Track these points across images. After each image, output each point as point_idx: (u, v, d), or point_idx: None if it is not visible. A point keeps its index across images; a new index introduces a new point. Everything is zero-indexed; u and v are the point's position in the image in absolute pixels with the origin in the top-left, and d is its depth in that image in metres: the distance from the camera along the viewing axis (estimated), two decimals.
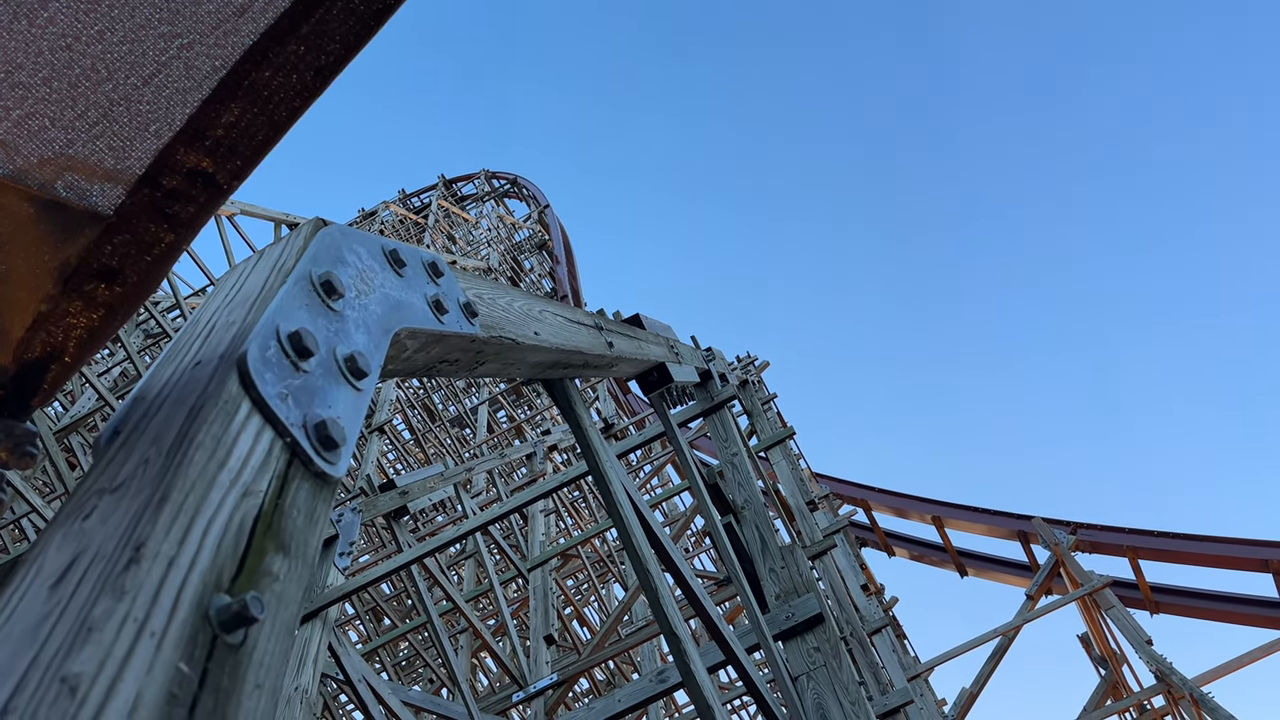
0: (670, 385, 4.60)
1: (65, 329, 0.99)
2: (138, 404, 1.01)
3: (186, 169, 0.99)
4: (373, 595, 14.32)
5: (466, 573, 12.50)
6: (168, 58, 0.99)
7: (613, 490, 3.30)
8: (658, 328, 5.20)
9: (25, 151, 0.98)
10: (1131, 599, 14.70)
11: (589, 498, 16.49)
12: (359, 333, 1.25)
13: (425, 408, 18.32)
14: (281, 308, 1.09)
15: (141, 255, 0.99)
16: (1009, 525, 16.57)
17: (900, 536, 19.30)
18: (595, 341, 3.20)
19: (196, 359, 1.04)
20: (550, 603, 9.68)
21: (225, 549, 0.77)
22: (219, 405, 0.90)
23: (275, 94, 0.99)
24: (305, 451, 0.97)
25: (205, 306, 1.23)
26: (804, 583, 4.89)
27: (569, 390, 3.29)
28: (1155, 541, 14.88)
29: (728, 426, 6.31)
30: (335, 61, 0.99)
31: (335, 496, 1.11)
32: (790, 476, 10.19)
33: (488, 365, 2.17)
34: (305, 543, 0.90)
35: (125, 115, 0.97)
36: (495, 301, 2.14)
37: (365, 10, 0.98)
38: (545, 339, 2.49)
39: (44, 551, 0.76)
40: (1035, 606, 13.73)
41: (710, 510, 4.86)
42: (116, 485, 0.82)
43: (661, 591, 3.26)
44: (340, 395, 1.10)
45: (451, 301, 1.74)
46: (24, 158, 0.98)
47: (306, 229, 1.29)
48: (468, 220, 29.99)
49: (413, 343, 1.57)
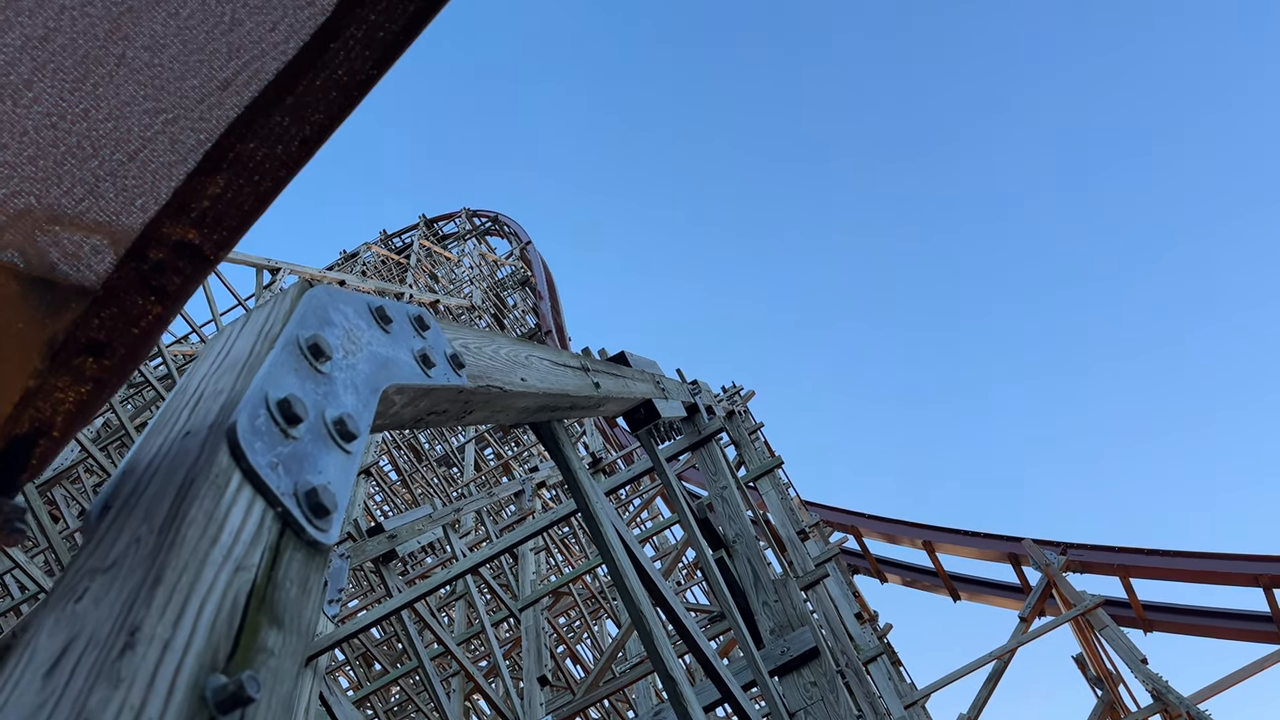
0: (658, 421, 4.60)
1: (53, 404, 0.99)
2: (127, 477, 1.01)
3: (173, 241, 1.00)
4: (363, 641, 14.14)
5: (457, 614, 12.38)
6: (153, 133, 1.00)
7: (603, 530, 3.29)
8: (643, 364, 5.21)
9: (10, 229, 0.98)
10: (1125, 618, 14.69)
11: (579, 534, 16.40)
12: (347, 394, 1.25)
13: (412, 447, 18.23)
14: (270, 374, 1.09)
15: (129, 328, 1.00)
16: (999, 548, 16.57)
17: (892, 562, 19.26)
18: (582, 383, 3.21)
19: (186, 429, 1.04)
20: (543, 642, 9.59)
21: (219, 628, 0.77)
22: (210, 479, 0.90)
23: (260, 165, 1.00)
24: (297, 521, 0.97)
25: (193, 372, 1.23)
26: (798, 616, 4.87)
27: (556, 432, 3.29)
28: (1146, 559, 14.92)
29: (716, 460, 6.31)
30: (320, 131, 1.01)
31: (327, 561, 1.10)
32: (780, 506, 10.18)
33: (476, 414, 2.17)
34: (299, 614, 0.90)
35: (111, 191, 0.98)
36: (482, 350, 2.14)
37: (349, 81, 0.99)
38: (532, 384, 2.49)
39: (36, 637, 0.75)
40: (1029, 628, 13.70)
41: (702, 545, 4.84)
42: (109, 565, 0.81)
43: (655, 631, 3.24)
44: (330, 460, 1.10)
45: (438, 354, 1.74)
46: (10, 235, 0.98)
47: (293, 291, 1.30)
48: (450, 259, 30.05)
49: (400, 398, 1.57)
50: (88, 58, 0.98)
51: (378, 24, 1.03)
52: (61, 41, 0.97)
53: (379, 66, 1.04)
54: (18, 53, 0.96)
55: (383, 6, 1.03)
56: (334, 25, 1.01)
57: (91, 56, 0.98)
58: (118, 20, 0.98)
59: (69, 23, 0.96)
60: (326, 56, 1.01)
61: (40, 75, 0.98)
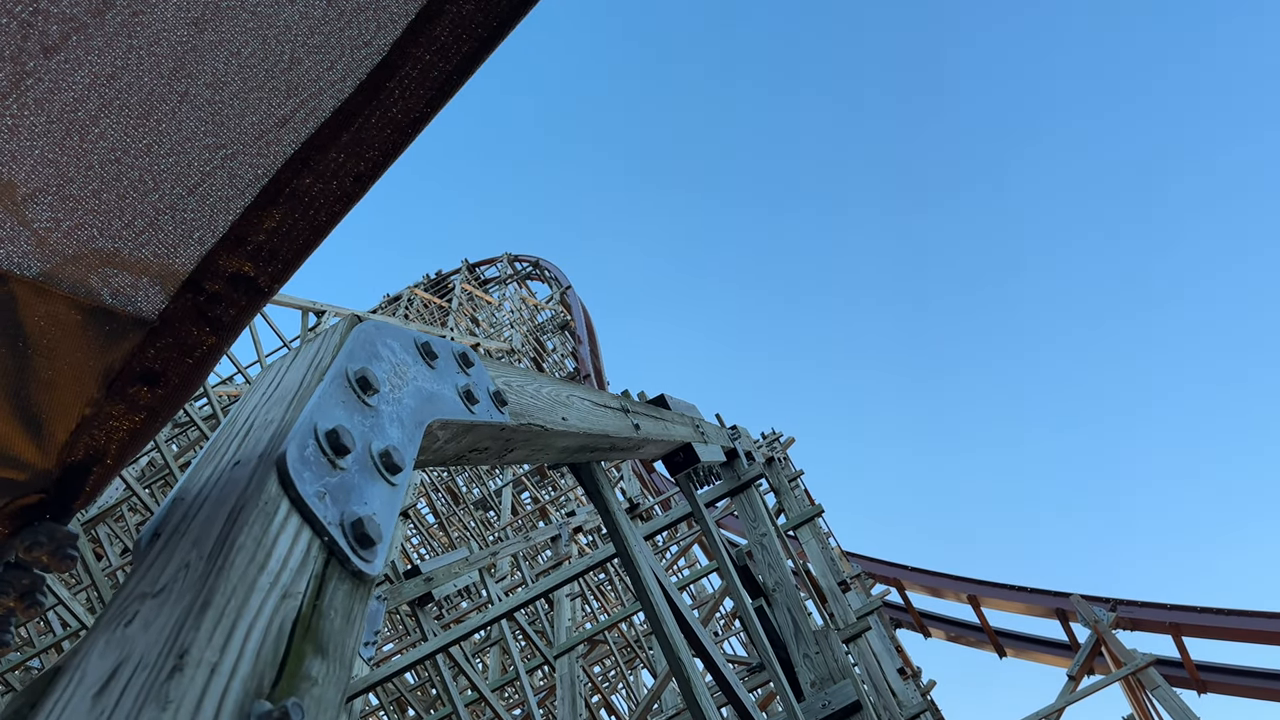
0: (696, 465, 4.57)
1: (108, 432, 1.00)
2: (177, 505, 1.02)
3: (229, 273, 1.02)
4: (397, 685, 14.08)
5: (492, 660, 12.29)
6: (212, 168, 1.02)
7: (642, 575, 3.26)
8: (682, 407, 5.19)
9: (74, 261, 1.01)
10: (1177, 678, 14.21)
11: (615, 580, 16.27)
12: (393, 427, 1.26)
13: (449, 490, 18.28)
14: (319, 405, 1.10)
15: (183, 358, 1.01)
16: (1047, 603, 16.15)
17: (935, 617, 18.84)
18: (622, 424, 3.20)
19: (235, 459, 1.05)
20: (578, 691, 9.48)
21: (265, 654, 0.77)
22: (259, 506, 0.90)
23: (316, 200, 1.02)
24: (343, 550, 0.97)
25: (243, 404, 1.25)
26: (840, 668, 4.77)
27: (596, 473, 3.28)
28: (1198, 617, 14.44)
29: (755, 506, 6.25)
30: (374, 168, 1.03)
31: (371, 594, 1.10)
32: (820, 556, 10.02)
33: (517, 452, 2.17)
34: (343, 644, 0.89)
35: (170, 224, 1.00)
36: (524, 389, 2.15)
37: (403, 119, 1.01)
38: (573, 424, 2.49)
39: (86, 659, 0.76)
40: (1077, 688, 13.29)
41: (741, 593, 4.78)
42: (158, 590, 0.82)
43: (694, 679, 3.19)
44: (376, 491, 1.10)
45: (482, 391, 1.75)
46: (73, 266, 1.01)
47: (343, 326, 1.32)
48: (490, 303, 30.36)
49: (444, 433, 1.58)
50: (152, 95, 1.01)
51: (432, 64, 1.05)
52: (128, 79, 1.00)
53: (433, 105, 1.06)
54: (86, 90, 1.00)
55: (437, 47, 1.05)
56: (389, 65, 1.03)
57: (156, 94, 1.01)
58: (182, 59, 1.01)
59: (136, 61, 0.99)
60: (382, 95, 1.04)
61: (106, 112, 1.01)
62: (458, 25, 1.01)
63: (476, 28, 1.01)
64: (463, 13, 1.01)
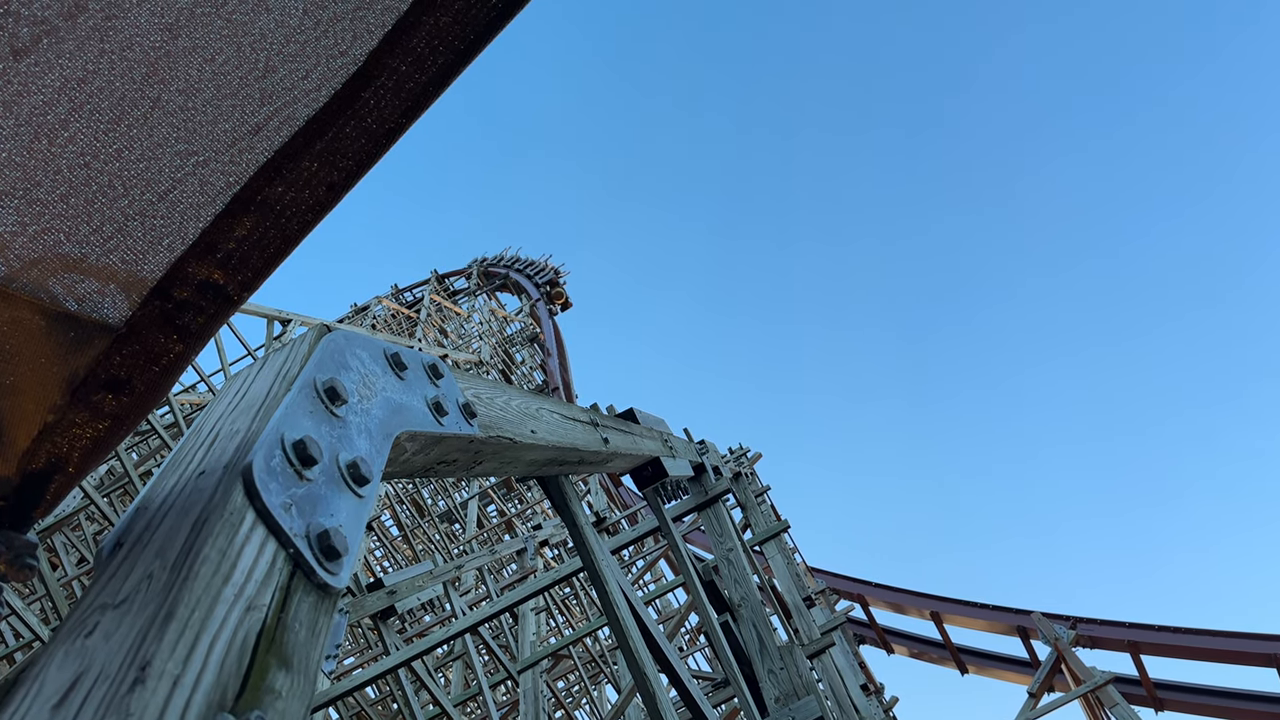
0: (665, 480, 4.57)
1: (70, 440, 0.99)
2: (140, 514, 1.00)
3: (198, 281, 1.01)
4: (358, 700, 13.89)
5: (454, 675, 12.17)
6: (183, 174, 1.01)
7: (609, 589, 3.25)
8: (651, 421, 5.20)
9: (38, 266, 0.99)
10: (1136, 696, 14.37)
11: (580, 594, 16.19)
12: (361, 438, 1.25)
13: (414, 502, 18.11)
14: (286, 415, 1.09)
15: (150, 366, 1.00)
16: (1009, 620, 16.29)
17: (899, 633, 18.93)
18: (591, 438, 3.20)
19: (200, 468, 1.03)
20: (541, 706, 9.41)
21: (229, 666, 0.76)
22: (224, 517, 0.89)
23: (287, 209, 1.01)
24: (308, 562, 0.96)
25: (209, 413, 1.23)
26: (804, 684, 4.78)
27: (564, 486, 3.27)
28: (1157, 636, 14.63)
29: (722, 521, 6.26)
30: (347, 178, 1.02)
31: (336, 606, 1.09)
32: (786, 571, 10.05)
33: (485, 464, 2.16)
34: (308, 657, 0.88)
35: (140, 230, 0.99)
36: (493, 401, 2.14)
37: (378, 129, 1.01)
38: (542, 437, 2.49)
39: (45, 670, 0.74)
40: (1038, 704, 13.41)
41: (707, 608, 4.78)
42: (120, 600, 0.81)
43: (659, 695, 3.19)
44: (343, 503, 1.09)
45: (451, 403, 1.74)
46: (38, 271, 0.99)
47: (311, 335, 1.31)
48: (459, 314, 30.22)
49: (412, 445, 1.57)
50: (124, 100, 1.00)
51: (408, 75, 1.05)
52: (99, 84, 0.99)
53: (408, 116, 1.06)
54: (56, 93, 0.99)
55: (413, 58, 1.05)
56: (366, 74, 1.03)
57: (128, 99, 1.00)
58: (155, 65, 1.00)
59: (108, 66, 0.98)
60: (357, 105, 1.04)
61: (77, 116, 1.00)
62: (434, 37, 1.02)
63: (454, 40, 1.01)
64: (440, 25, 1.02)
